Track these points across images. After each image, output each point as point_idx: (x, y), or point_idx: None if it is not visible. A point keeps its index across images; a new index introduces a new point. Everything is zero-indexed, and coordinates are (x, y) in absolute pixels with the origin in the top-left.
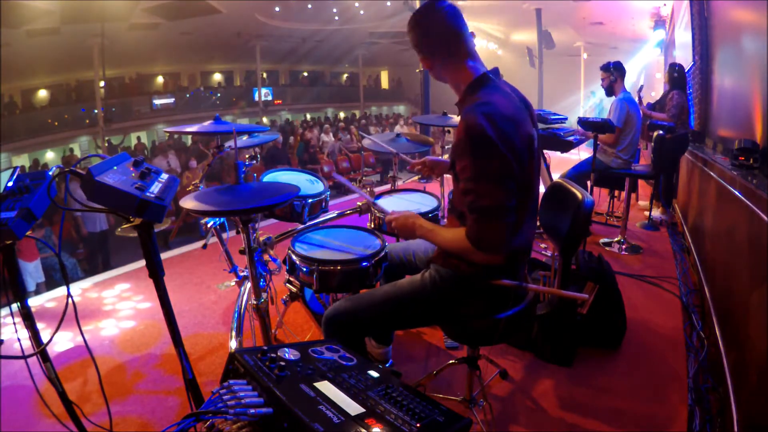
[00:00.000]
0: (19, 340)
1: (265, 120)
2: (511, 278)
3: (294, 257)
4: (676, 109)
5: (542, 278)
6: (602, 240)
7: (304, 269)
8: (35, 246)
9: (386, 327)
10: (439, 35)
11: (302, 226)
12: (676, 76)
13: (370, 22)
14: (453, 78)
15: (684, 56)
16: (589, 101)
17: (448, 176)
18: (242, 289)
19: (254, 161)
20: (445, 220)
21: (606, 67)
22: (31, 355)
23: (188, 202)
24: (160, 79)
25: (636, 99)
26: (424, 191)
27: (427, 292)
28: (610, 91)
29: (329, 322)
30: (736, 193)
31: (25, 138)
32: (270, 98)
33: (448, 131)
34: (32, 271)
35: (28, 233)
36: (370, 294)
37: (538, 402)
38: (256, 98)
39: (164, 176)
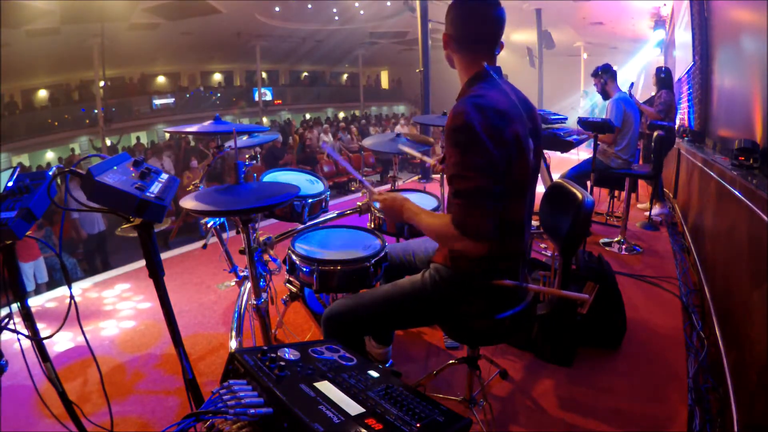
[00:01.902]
0: (19, 340)
1: (265, 120)
2: (512, 278)
3: (294, 257)
4: (664, 106)
5: (542, 278)
6: (602, 240)
7: (304, 269)
8: (32, 247)
9: (386, 326)
10: (475, 23)
11: (302, 226)
12: (663, 77)
13: (370, 22)
14: (460, 67)
15: (684, 56)
16: (581, 102)
17: None
18: (242, 289)
19: (254, 161)
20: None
21: (595, 73)
22: (39, 339)
23: (188, 202)
24: (160, 79)
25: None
26: (424, 191)
27: (427, 291)
28: (605, 95)
29: (329, 320)
30: (736, 193)
31: (25, 138)
32: (270, 98)
33: None
34: (26, 271)
35: (29, 233)
36: (370, 293)
37: (538, 402)
38: (256, 98)
39: (164, 176)
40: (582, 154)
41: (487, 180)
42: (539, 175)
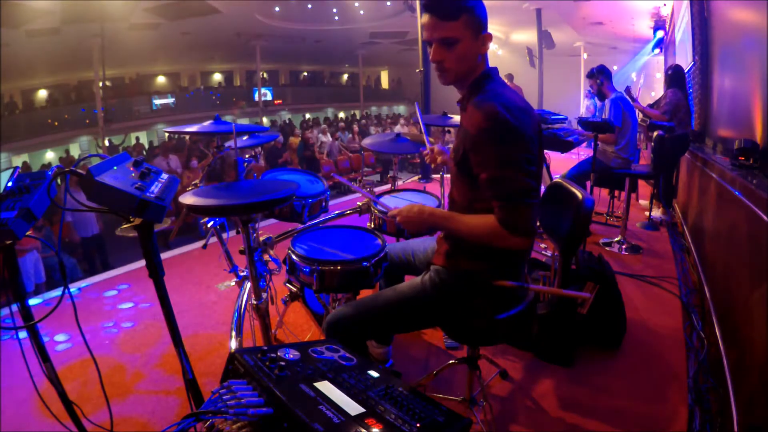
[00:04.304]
0: (19, 340)
1: (265, 120)
2: (512, 278)
3: (294, 257)
4: (669, 107)
5: (542, 278)
6: (602, 240)
7: (304, 269)
8: (27, 240)
9: (388, 331)
10: (482, 18)
11: (302, 226)
12: (670, 74)
13: (370, 22)
14: (476, 64)
15: (684, 56)
16: (586, 102)
17: (447, 176)
18: (242, 289)
19: (254, 160)
20: None
21: (590, 74)
22: (21, 327)
23: (187, 198)
24: (160, 79)
25: (629, 98)
26: (424, 191)
27: (428, 294)
28: (601, 96)
29: (331, 327)
30: (736, 193)
31: (25, 138)
32: (270, 98)
33: (448, 131)
34: (28, 268)
35: (29, 233)
36: (371, 299)
37: (538, 402)
38: (256, 98)
39: (164, 176)
40: (582, 154)
41: (528, 177)
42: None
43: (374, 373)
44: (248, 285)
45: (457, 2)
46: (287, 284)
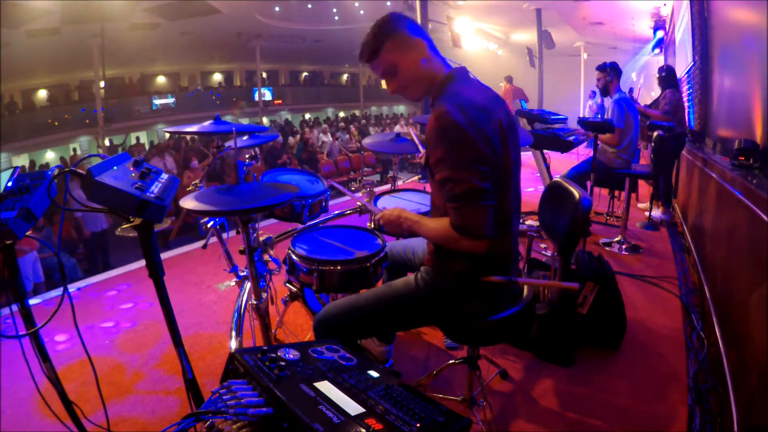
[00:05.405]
0: (19, 340)
1: (265, 120)
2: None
3: (294, 257)
4: (670, 106)
5: (542, 278)
6: (602, 240)
7: (304, 269)
8: (27, 240)
9: (379, 329)
10: (401, 29)
11: (302, 226)
12: (664, 75)
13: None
14: (417, 75)
15: (684, 56)
16: (589, 102)
17: None
18: (242, 289)
19: (254, 161)
20: None
21: (602, 68)
22: (25, 335)
23: (188, 202)
24: (160, 79)
25: (630, 98)
26: (423, 191)
27: (419, 294)
28: (605, 92)
29: (320, 324)
30: (736, 193)
31: (25, 138)
32: (270, 98)
33: None
34: (26, 270)
35: (29, 233)
36: (361, 297)
37: (539, 402)
38: (256, 98)
39: (164, 176)
40: (582, 154)
41: (478, 179)
42: (539, 175)
43: (374, 373)
44: (248, 285)
45: (373, 41)
46: (287, 284)
